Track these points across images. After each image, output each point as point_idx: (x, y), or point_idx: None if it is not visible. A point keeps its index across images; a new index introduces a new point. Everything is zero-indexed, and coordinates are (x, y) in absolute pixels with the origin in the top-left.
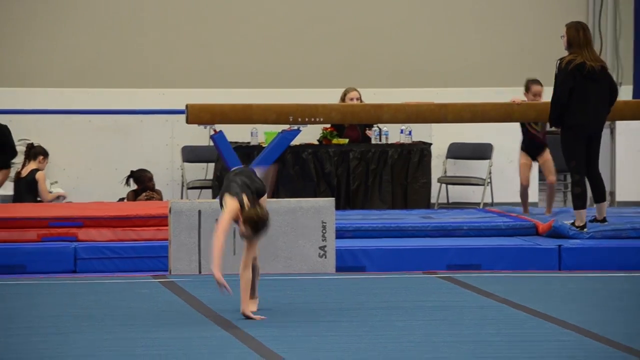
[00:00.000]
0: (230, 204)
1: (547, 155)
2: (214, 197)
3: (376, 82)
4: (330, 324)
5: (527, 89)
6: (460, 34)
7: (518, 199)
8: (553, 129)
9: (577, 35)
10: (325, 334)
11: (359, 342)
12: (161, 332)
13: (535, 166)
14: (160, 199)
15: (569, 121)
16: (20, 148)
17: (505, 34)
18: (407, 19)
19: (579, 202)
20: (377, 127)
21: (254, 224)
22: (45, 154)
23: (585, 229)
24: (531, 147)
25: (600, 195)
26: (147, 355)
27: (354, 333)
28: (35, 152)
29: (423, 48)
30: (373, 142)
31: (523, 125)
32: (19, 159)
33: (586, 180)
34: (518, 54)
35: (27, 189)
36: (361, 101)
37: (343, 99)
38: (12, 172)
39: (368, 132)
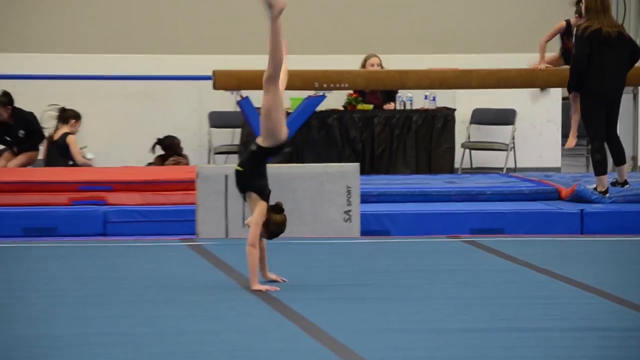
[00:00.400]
0: (262, 206)
1: None
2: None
3: (400, 49)
4: (355, 287)
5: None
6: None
7: (541, 164)
8: None
9: (595, 2)
10: (349, 297)
11: (384, 304)
12: (189, 294)
13: (558, 130)
14: (187, 163)
15: (587, 87)
16: (52, 113)
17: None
18: None
19: (600, 169)
20: (399, 97)
21: (276, 232)
22: (77, 117)
23: (607, 194)
24: None
25: (619, 158)
26: (175, 316)
27: (378, 296)
28: (67, 115)
29: (447, 14)
30: (398, 107)
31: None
32: (49, 124)
33: (606, 145)
34: (541, 20)
35: (59, 152)
36: (382, 67)
37: (364, 65)
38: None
39: (387, 106)
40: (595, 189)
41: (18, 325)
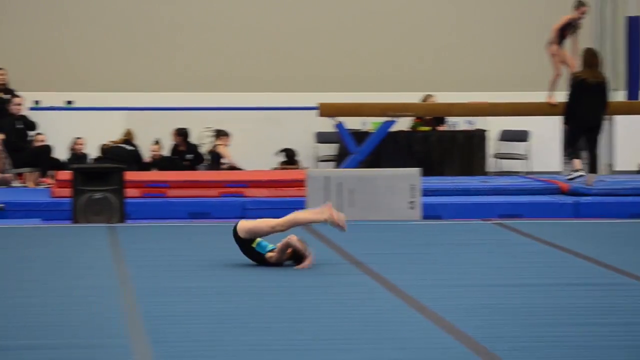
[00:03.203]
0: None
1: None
2: (336, 167)
3: (448, 88)
4: (418, 255)
5: (577, 8)
6: (506, 48)
7: (549, 169)
8: None
9: (587, 59)
10: (413, 261)
11: (440, 266)
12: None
13: (559, 145)
14: (300, 168)
15: (573, 118)
16: (207, 133)
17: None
18: (472, 38)
19: (574, 156)
20: (447, 121)
21: (295, 259)
22: (227, 134)
23: (579, 172)
24: None
25: (592, 169)
26: (294, 285)
27: (435, 260)
28: (220, 133)
29: (482, 63)
30: (447, 129)
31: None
32: (206, 140)
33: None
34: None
35: (213, 159)
36: (435, 101)
37: (424, 100)
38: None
39: (439, 128)
40: (572, 170)
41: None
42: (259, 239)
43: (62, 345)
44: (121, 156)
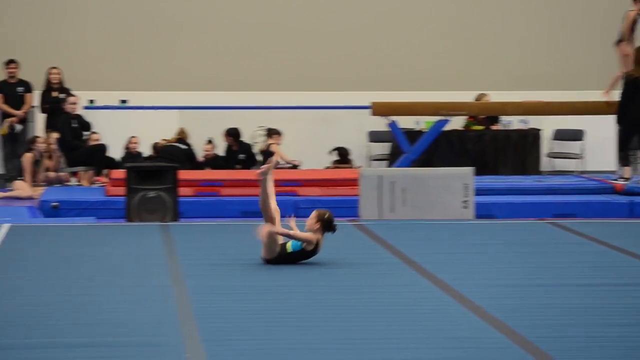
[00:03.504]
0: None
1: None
2: (388, 166)
3: (501, 86)
4: (470, 255)
5: (637, 1)
6: (561, 46)
7: (602, 168)
8: None
9: (638, 56)
10: (466, 260)
11: (491, 265)
12: (354, 259)
13: (614, 144)
14: (352, 167)
15: (626, 117)
16: (260, 132)
17: (595, 45)
18: (527, 36)
19: (625, 162)
20: (501, 121)
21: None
22: (278, 133)
23: (629, 181)
24: None
25: None
26: (345, 273)
27: (487, 259)
28: (271, 132)
29: (535, 61)
30: (501, 128)
31: None
32: (259, 140)
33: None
34: (604, 64)
35: (266, 158)
36: (489, 100)
37: (477, 99)
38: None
39: (493, 126)
40: (621, 177)
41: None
42: (289, 245)
43: (115, 344)
44: (175, 155)
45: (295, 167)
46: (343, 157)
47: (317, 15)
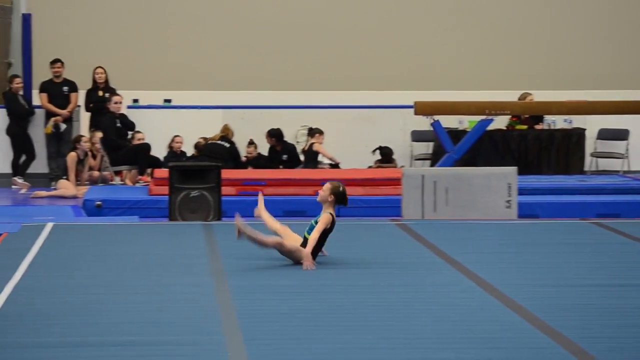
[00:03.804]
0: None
1: None
2: (431, 165)
3: (546, 86)
4: (513, 254)
5: None
6: (605, 46)
7: None
8: None
9: None
10: (508, 260)
11: (531, 263)
12: (397, 258)
13: None
14: (395, 166)
15: None
16: (303, 131)
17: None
18: (571, 36)
19: None
20: (545, 120)
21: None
22: (320, 132)
23: None
24: None
25: None
26: (388, 271)
27: (530, 260)
28: (313, 131)
29: (579, 60)
30: (545, 127)
31: None
32: (302, 139)
33: None
34: None
35: (309, 158)
36: (532, 100)
37: (521, 99)
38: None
39: (537, 126)
40: None
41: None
42: (307, 235)
43: (158, 342)
44: (218, 153)
45: (336, 165)
46: (386, 156)
47: (360, 14)
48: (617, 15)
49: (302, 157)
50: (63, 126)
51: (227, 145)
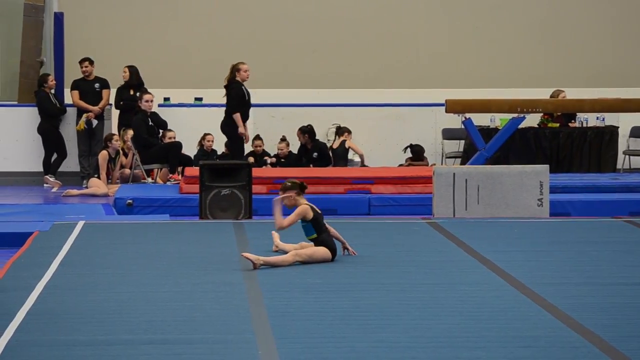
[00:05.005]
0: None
1: None
2: (462, 163)
3: (578, 83)
4: (545, 253)
5: None
6: (638, 43)
7: None
8: None
9: None
10: (540, 258)
11: (564, 262)
12: (426, 256)
13: None
14: (426, 164)
15: None
16: (332, 129)
17: None
18: (603, 33)
19: None
20: (579, 117)
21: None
22: (349, 131)
23: None
24: None
25: None
26: (414, 270)
27: (562, 258)
28: (342, 130)
29: (614, 55)
30: (577, 125)
31: None
32: (331, 137)
33: None
34: None
35: (339, 156)
36: (564, 97)
37: (553, 96)
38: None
39: (570, 124)
40: None
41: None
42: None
43: (189, 340)
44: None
45: (362, 160)
46: (417, 154)
47: (393, 12)
48: None
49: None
50: (95, 122)
51: None
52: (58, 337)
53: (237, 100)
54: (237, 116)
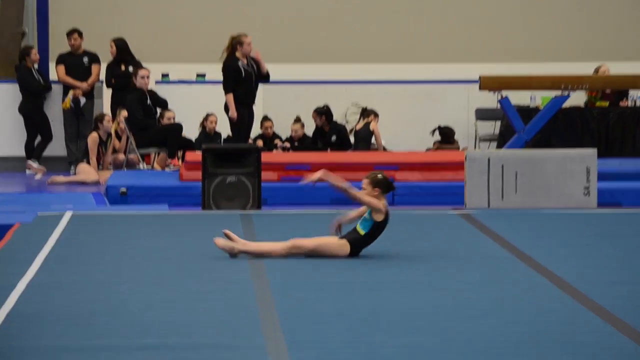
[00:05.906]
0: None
1: None
2: (498, 147)
3: (628, 56)
4: (591, 248)
5: None
6: None
7: None
8: None
9: None
10: (586, 255)
11: (613, 258)
12: (458, 252)
13: None
14: (458, 148)
15: None
16: (354, 109)
17: None
18: None
19: None
20: (631, 96)
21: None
22: (376, 114)
23: None
24: None
25: None
26: (449, 266)
27: (611, 254)
28: (368, 112)
29: None
30: (629, 104)
31: None
32: (352, 118)
33: None
34: None
35: (362, 139)
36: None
37: (596, 71)
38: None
39: (622, 102)
40: None
41: None
42: (359, 228)
43: (190, 346)
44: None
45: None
46: (447, 137)
47: None
48: None
49: (352, 139)
50: (83, 100)
51: None
52: (43, 342)
53: (232, 79)
54: (230, 97)
